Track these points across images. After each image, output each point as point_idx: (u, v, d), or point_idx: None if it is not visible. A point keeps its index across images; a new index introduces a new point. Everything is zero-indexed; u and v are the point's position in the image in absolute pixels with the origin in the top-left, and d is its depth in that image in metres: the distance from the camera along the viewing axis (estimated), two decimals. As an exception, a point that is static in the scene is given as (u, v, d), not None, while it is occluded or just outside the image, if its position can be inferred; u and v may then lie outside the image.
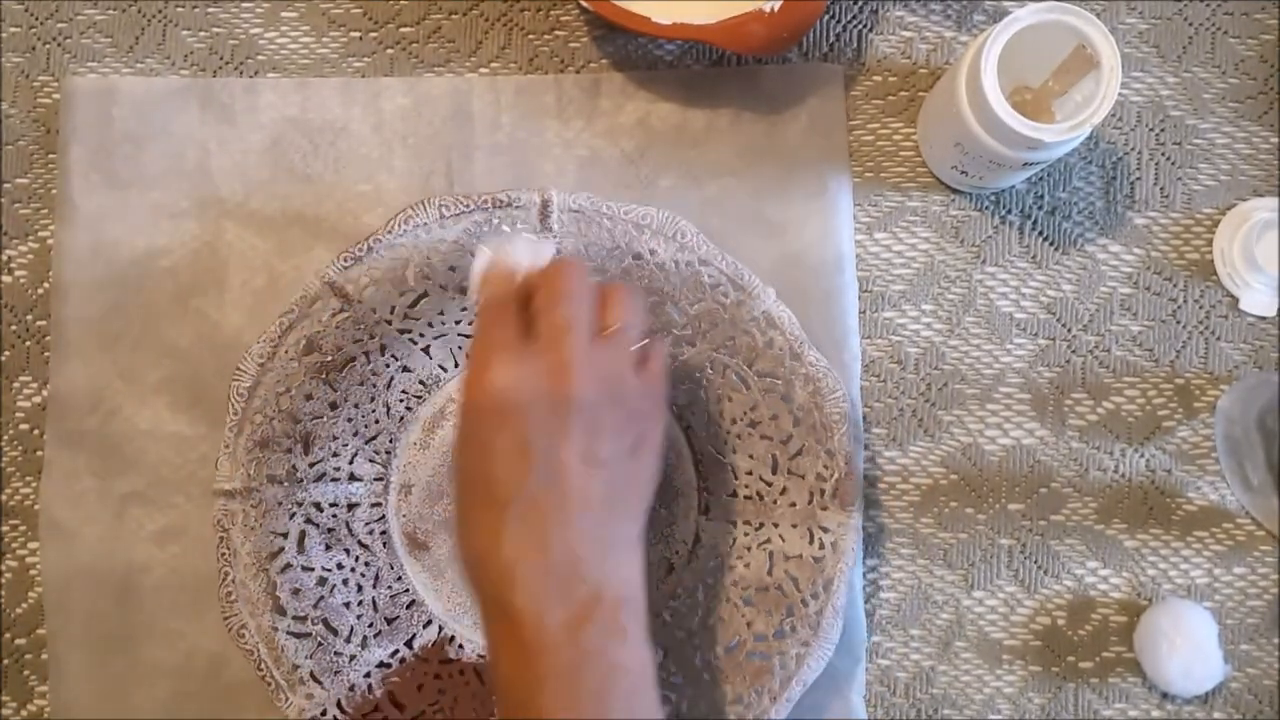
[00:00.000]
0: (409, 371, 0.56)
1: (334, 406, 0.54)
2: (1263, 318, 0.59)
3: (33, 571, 0.57)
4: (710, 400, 0.55)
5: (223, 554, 0.52)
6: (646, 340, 0.47)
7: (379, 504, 0.56)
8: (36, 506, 0.57)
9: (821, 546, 0.53)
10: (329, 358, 0.53)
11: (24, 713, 0.57)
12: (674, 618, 0.55)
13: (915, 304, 0.59)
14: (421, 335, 0.56)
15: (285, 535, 0.53)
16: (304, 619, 0.53)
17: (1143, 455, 0.58)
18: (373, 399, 0.55)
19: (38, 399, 0.58)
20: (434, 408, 0.57)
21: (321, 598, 0.54)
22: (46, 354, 0.58)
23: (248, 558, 0.52)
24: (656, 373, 0.47)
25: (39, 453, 0.57)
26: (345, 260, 0.52)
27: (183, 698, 0.56)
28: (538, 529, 0.42)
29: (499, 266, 0.47)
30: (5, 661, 0.57)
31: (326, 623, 0.53)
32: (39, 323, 0.58)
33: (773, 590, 0.54)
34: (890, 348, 0.59)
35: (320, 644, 0.53)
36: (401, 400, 0.56)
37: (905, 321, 0.59)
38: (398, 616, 0.55)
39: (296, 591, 0.53)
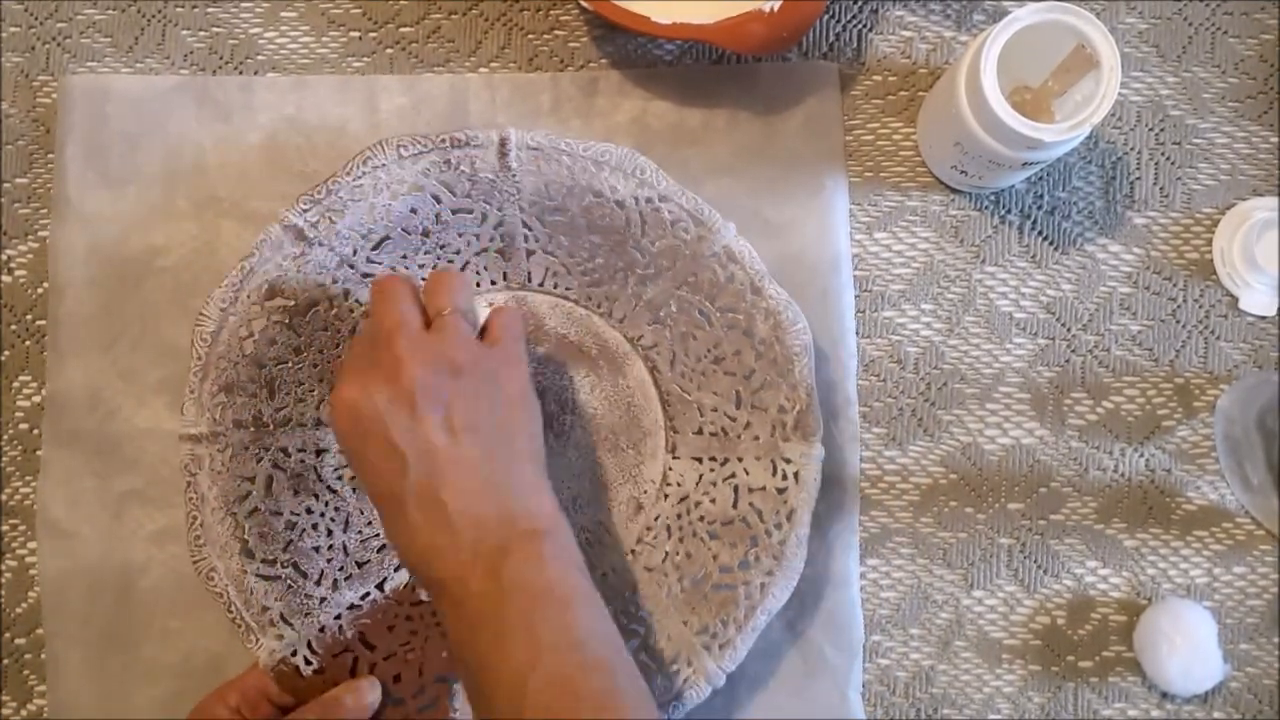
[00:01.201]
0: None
1: (298, 351, 0.54)
2: (1262, 317, 0.59)
3: (32, 571, 0.57)
4: (674, 339, 0.56)
5: (190, 498, 0.52)
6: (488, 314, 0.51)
7: None
8: (36, 506, 0.57)
9: (785, 478, 0.53)
10: (291, 302, 0.53)
11: (24, 712, 0.57)
12: (643, 554, 0.56)
13: (915, 303, 0.59)
14: None
15: (252, 480, 0.53)
16: (273, 562, 0.53)
17: (1142, 455, 0.58)
18: (337, 344, 0.55)
19: (37, 398, 0.58)
20: None
21: (290, 541, 0.53)
22: (45, 354, 0.58)
23: (215, 501, 0.52)
24: (499, 336, 0.49)
25: (38, 452, 0.57)
26: (304, 203, 0.52)
27: (182, 697, 0.56)
28: (435, 508, 0.45)
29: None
30: (5, 661, 0.57)
31: (296, 566, 0.53)
32: (38, 322, 0.58)
33: (738, 523, 0.54)
34: (890, 347, 0.59)
35: (290, 586, 0.53)
36: None
37: (905, 321, 0.59)
38: (368, 560, 0.55)
39: (264, 535, 0.53)
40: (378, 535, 0.56)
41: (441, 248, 0.56)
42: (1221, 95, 0.60)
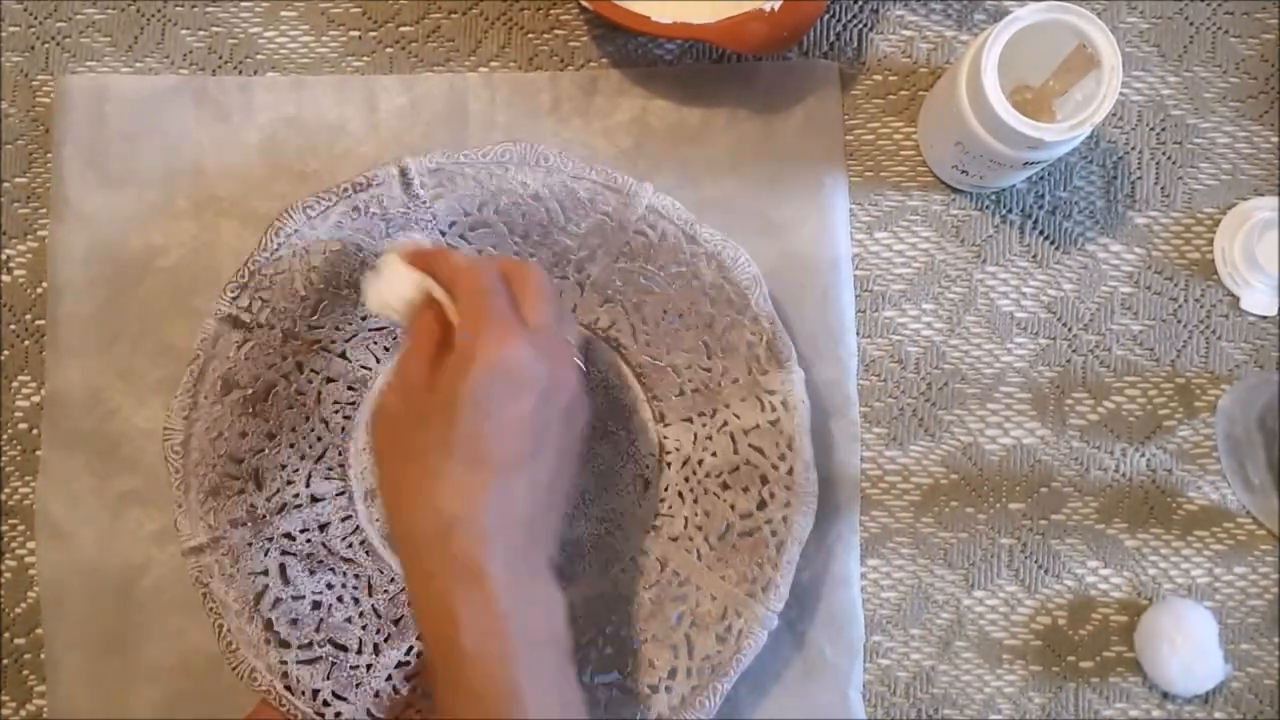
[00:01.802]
0: (334, 381, 0.56)
1: (271, 436, 0.54)
2: (1263, 317, 0.59)
3: (31, 571, 0.57)
4: (629, 312, 0.56)
5: (211, 608, 0.52)
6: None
7: (349, 516, 0.56)
8: (35, 506, 0.57)
9: (773, 410, 0.53)
10: (249, 390, 0.53)
11: (23, 712, 0.57)
12: (663, 526, 0.56)
13: (916, 303, 0.59)
14: (334, 341, 0.55)
15: (265, 573, 0.53)
16: (309, 645, 0.53)
17: (1143, 455, 0.58)
18: (307, 418, 0.55)
19: (36, 398, 0.58)
20: (371, 409, 0.57)
21: (321, 620, 0.53)
22: (45, 354, 0.58)
23: (236, 604, 0.52)
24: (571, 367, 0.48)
25: (38, 452, 0.57)
26: (232, 291, 0.52)
27: (182, 698, 0.56)
28: (517, 499, 0.44)
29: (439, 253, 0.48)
30: (4, 661, 0.57)
31: (333, 642, 0.53)
32: (38, 322, 0.58)
33: (743, 467, 0.54)
34: (891, 347, 0.59)
35: (333, 663, 0.53)
36: (336, 411, 0.56)
37: (906, 321, 0.59)
38: (401, 616, 0.55)
39: (294, 621, 0.53)
40: (404, 589, 0.56)
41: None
42: (1223, 95, 0.60)
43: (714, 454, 0.55)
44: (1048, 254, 0.59)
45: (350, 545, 0.55)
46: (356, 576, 0.55)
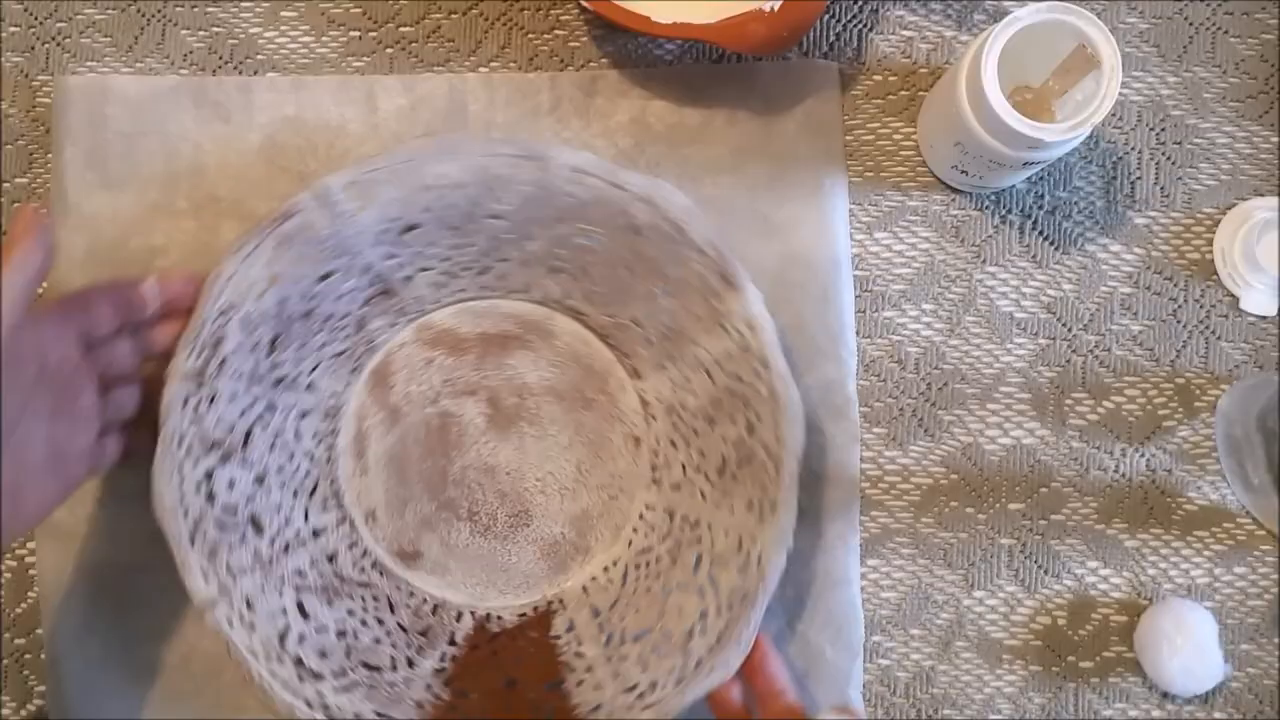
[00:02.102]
0: (308, 415, 0.56)
1: (260, 480, 0.54)
2: (1263, 317, 0.59)
3: (32, 572, 0.57)
4: (579, 277, 0.56)
5: (240, 660, 0.51)
6: None
7: (355, 543, 0.56)
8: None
9: (739, 333, 0.52)
10: (227, 441, 0.53)
11: (23, 712, 0.57)
12: (662, 477, 0.56)
13: (915, 303, 0.59)
14: (299, 374, 0.55)
15: (284, 612, 0.53)
16: (343, 673, 0.52)
17: (1143, 455, 0.58)
18: (291, 456, 0.55)
19: (37, 399, 0.58)
20: (350, 433, 0.57)
21: (349, 647, 0.53)
22: (45, 354, 0.58)
23: (262, 648, 0.51)
24: None
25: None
26: (186, 348, 0.50)
27: (183, 697, 0.56)
28: None
29: None
30: (5, 661, 0.57)
31: (366, 664, 0.53)
32: (38, 322, 0.58)
33: (724, 398, 0.54)
34: (890, 347, 0.59)
35: (370, 685, 0.53)
36: (318, 443, 0.56)
37: (905, 321, 0.59)
38: (429, 626, 0.55)
39: (323, 653, 0.53)
40: (425, 600, 0.56)
41: (326, 319, 0.55)
42: (1222, 95, 0.60)
43: (694, 394, 0.55)
44: (1048, 254, 0.59)
45: (362, 569, 0.55)
46: (375, 598, 0.55)
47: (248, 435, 0.53)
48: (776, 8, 0.54)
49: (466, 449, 0.57)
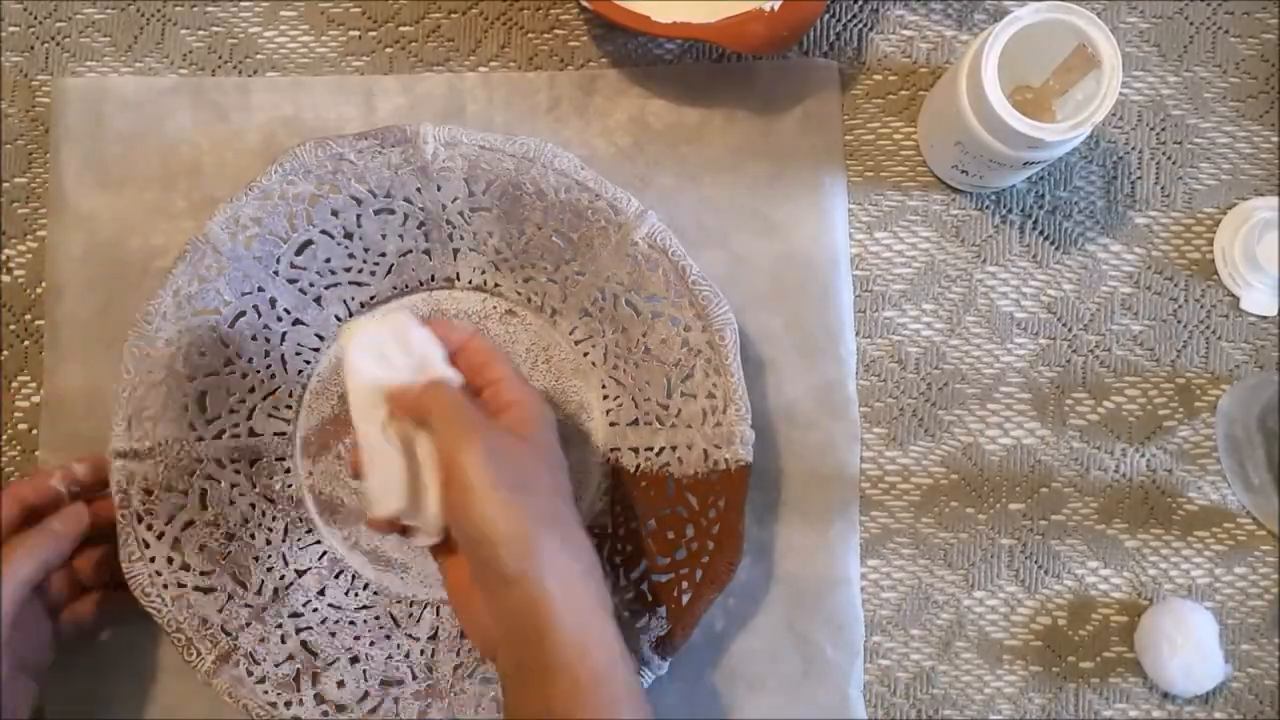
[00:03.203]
0: (257, 461, 0.55)
1: (231, 537, 0.54)
2: (1264, 317, 0.59)
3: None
4: (480, 249, 0.56)
5: (257, 714, 0.52)
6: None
7: (341, 572, 0.56)
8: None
9: (642, 257, 0.53)
10: (185, 507, 0.53)
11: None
12: (617, 419, 0.56)
13: (916, 303, 0.59)
14: (235, 426, 0.55)
15: (292, 657, 0.53)
16: (365, 696, 0.53)
17: (1143, 455, 0.58)
18: (253, 505, 0.55)
19: (36, 399, 0.58)
20: (304, 470, 0.57)
21: (364, 671, 0.54)
22: (44, 354, 0.57)
23: (280, 695, 0.52)
24: (528, 424, 0.49)
25: (37, 453, 0.57)
26: (119, 426, 0.52)
27: (183, 698, 0.56)
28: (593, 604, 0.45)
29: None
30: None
31: (386, 682, 0.54)
32: (37, 322, 0.58)
33: (653, 321, 0.54)
34: (891, 347, 0.59)
35: (396, 699, 0.53)
36: (278, 486, 0.56)
37: (906, 321, 0.59)
38: (436, 630, 0.55)
39: (341, 683, 0.53)
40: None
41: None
42: (1223, 95, 0.60)
43: (623, 329, 0.55)
44: (1048, 254, 0.59)
45: (356, 594, 0.55)
46: (377, 618, 0.55)
47: (204, 495, 0.54)
48: (776, 8, 0.54)
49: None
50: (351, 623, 0.55)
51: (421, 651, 0.54)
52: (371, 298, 0.57)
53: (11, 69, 0.59)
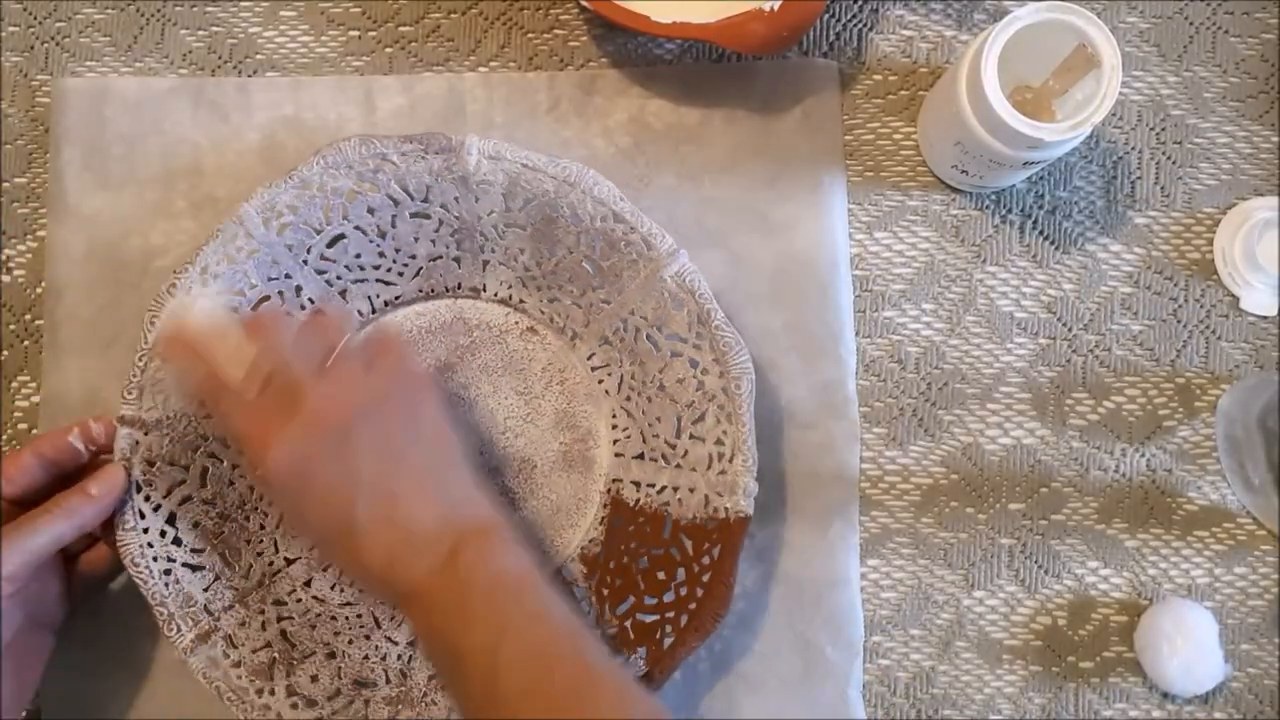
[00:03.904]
0: None
1: (225, 517, 0.54)
2: (1263, 317, 0.59)
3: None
4: (510, 264, 0.56)
5: (229, 698, 0.52)
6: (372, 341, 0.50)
7: (330, 565, 0.56)
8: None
9: (670, 293, 0.53)
10: (184, 481, 0.53)
11: (22, 712, 0.56)
12: (624, 450, 0.56)
13: (915, 303, 0.59)
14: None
15: (269, 645, 0.53)
16: (337, 694, 0.53)
17: (1143, 455, 0.58)
18: (252, 488, 0.54)
19: (36, 399, 0.58)
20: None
21: (339, 668, 0.54)
22: (44, 354, 0.57)
23: (254, 681, 0.52)
24: (390, 359, 0.50)
25: (37, 453, 0.57)
26: (130, 394, 0.52)
27: (183, 698, 0.56)
28: (390, 526, 0.46)
29: (174, 346, 0.49)
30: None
31: (359, 682, 0.54)
32: (37, 322, 0.58)
33: (671, 360, 0.54)
34: (890, 347, 0.59)
35: (367, 700, 0.53)
36: None
37: (905, 321, 0.59)
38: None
39: (314, 678, 0.53)
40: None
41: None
42: (1222, 95, 0.60)
43: (640, 362, 0.55)
44: (1048, 254, 0.59)
45: (340, 590, 0.55)
46: (359, 616, 0.55)
47: (204, 473, 0.54)
48: (776, 8, 0.54)
49: None
50: (333, 618, 0.54)
51: (399, 656, 0.54)
52: (397, 297, 0.57)
53: (11, 69, 0.59)
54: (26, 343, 0.58)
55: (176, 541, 0.52)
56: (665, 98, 0.59)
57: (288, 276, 0.54)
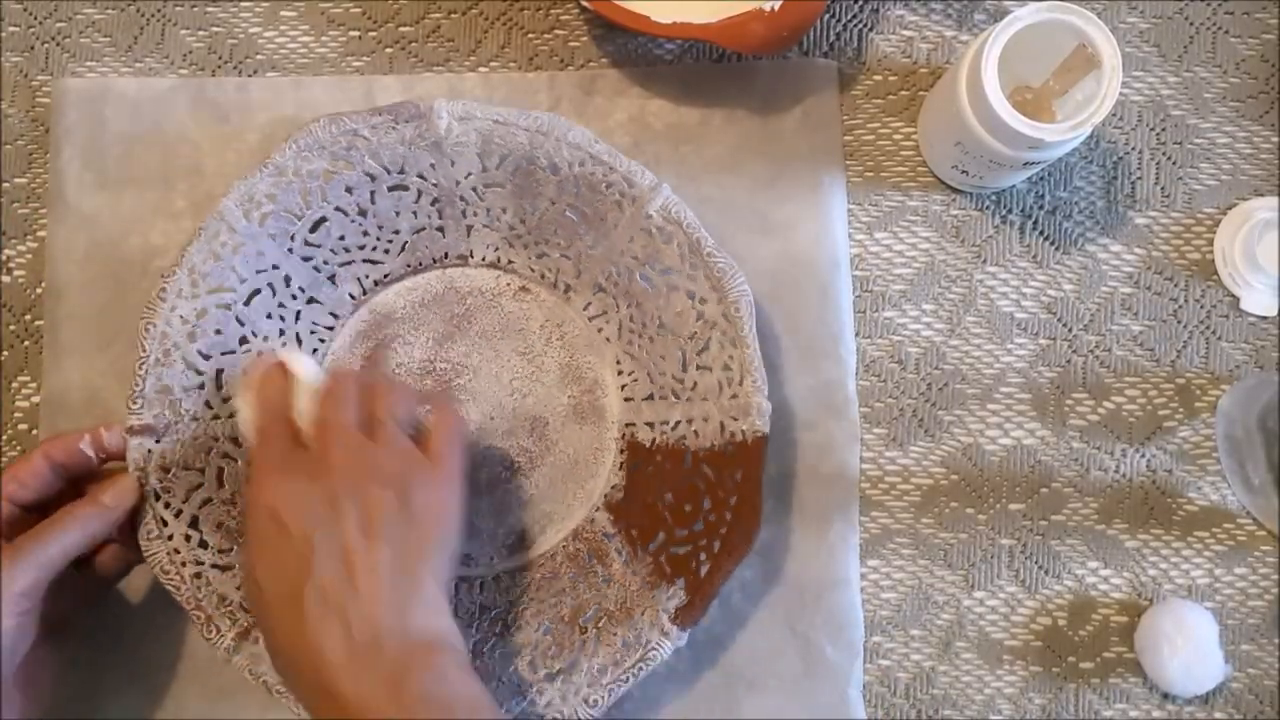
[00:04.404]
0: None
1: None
2: (1264, 317, 0.59)
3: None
4: (494, 225, 0.56)
5: (277, 691, 0.51)
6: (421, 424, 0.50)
7: None
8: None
9: (659, 228, 0.53)
10: (201, 484, 0.53)
11: None
12: (634, 393, 0.56)
13: (916, 304, 0.59)
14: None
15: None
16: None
17: (1143, 455, 0.58)
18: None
19: (36, 399, 0.58)
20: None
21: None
22: (44, 354, 0.57)
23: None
24: (440, 452, 0.49)
25: (37, 453, 0.57)
26: (135, 404, 0.52)
27: (183, 698, 0.56)
28: (335, 610, 0.43)
29: (270, 379, 0.49)
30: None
31: None
32: (37, 322, 0.58)
33: (695, 324, 0.54)
34: (891, 347, 0.59)
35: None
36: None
37: (906, 321, 0.59)
38: None
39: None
40: None
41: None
42: (1223, 95, 0.60)
43: (637, 303, 0.55)
44: (1048, 254, 0.59)
45: None
46: None
47: (220, 473, 0.53)
48: (776, 8, 0.54)
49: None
50: None
51: None
52: (385, 275, 0.57)
53: (11, 69, 0.59)
54: (26, 343, 0.58)
55: (203, 544, 0.52)
56: (665, 98, 0.59)
57: (275, 267, 0.54)
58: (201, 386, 0.54)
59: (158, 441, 0.52)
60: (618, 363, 0.57)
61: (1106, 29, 0.50)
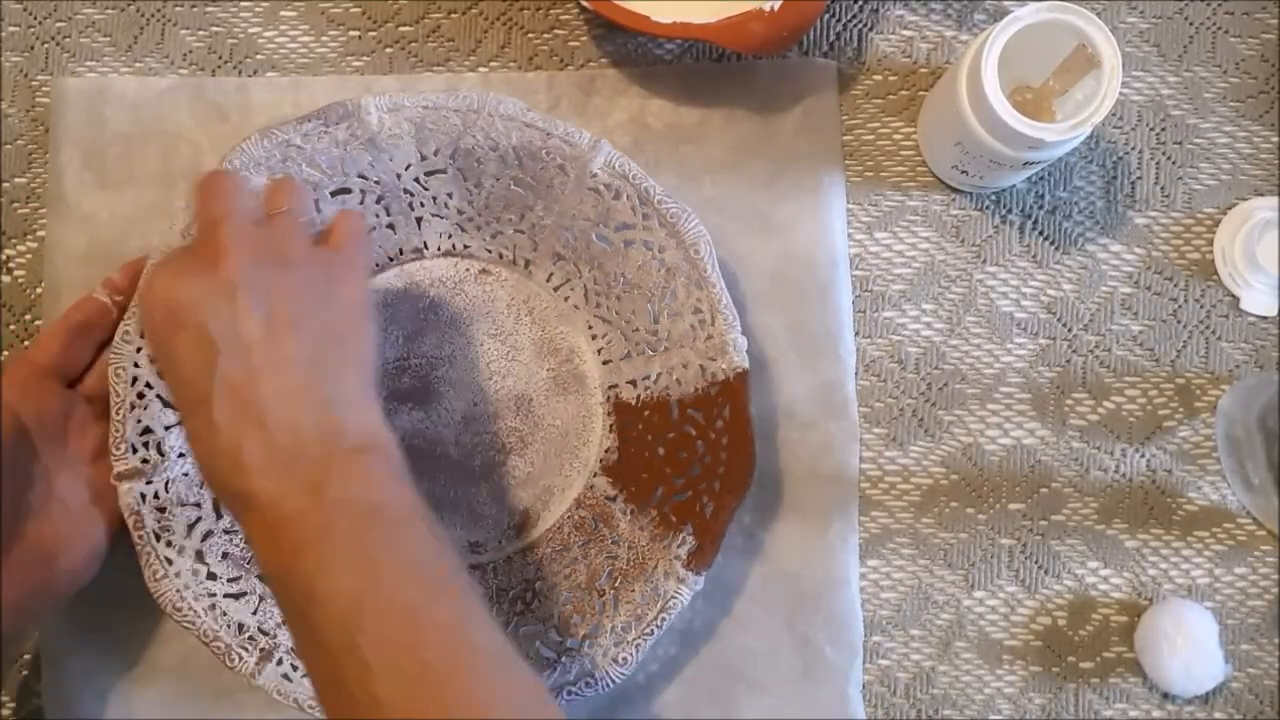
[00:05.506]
0: None
1: None
2: (1264, 317, 0.59)
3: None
4: (443, 213, 0.56)
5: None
6: (326, 221, 0.48)
7: None
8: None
9: (606, 186, 0.53)
10: (199, 519, 0.53)
11: (23, 712, 0.56)
12: (610, 354, 0.56)
13: (915, 303, 0.59)
14: None
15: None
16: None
17: (1143, 455, 0.58)
18: None
19: (36, 399, 0.58)
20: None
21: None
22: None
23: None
24: (341, 240, 0.47)
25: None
26: (118, 449, 0.51)
27: (183, 698, 0.56)
28: (245, 408, 0.41)
29: (209, 183, 0.47)
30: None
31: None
32: (37, 322, 0.58)
33: (659, 274, 0.54)
34: (890, 347, 0.59)
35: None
36: None
37: (905, 321, 0.59)
38: None
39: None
40: None
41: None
42: (1222, 95, 0.60)
43: (599, 265, 0.55)
44: (1048, 254, 0.59)
45: None
46: None
47: (215, 503, 0.53)
48: (776, 8, 0.54)
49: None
50: None
51: None
52: None
53: (11, 69, 0.59)
54: (26, 343, 0.58)
55: (212, 576, 0.52)
56: (665, 98, 0.59)
57: None
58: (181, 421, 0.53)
59: (148, 483, 0.51)
60: (589, 327, 0.57)
61: (1106, 29, 0.50)
